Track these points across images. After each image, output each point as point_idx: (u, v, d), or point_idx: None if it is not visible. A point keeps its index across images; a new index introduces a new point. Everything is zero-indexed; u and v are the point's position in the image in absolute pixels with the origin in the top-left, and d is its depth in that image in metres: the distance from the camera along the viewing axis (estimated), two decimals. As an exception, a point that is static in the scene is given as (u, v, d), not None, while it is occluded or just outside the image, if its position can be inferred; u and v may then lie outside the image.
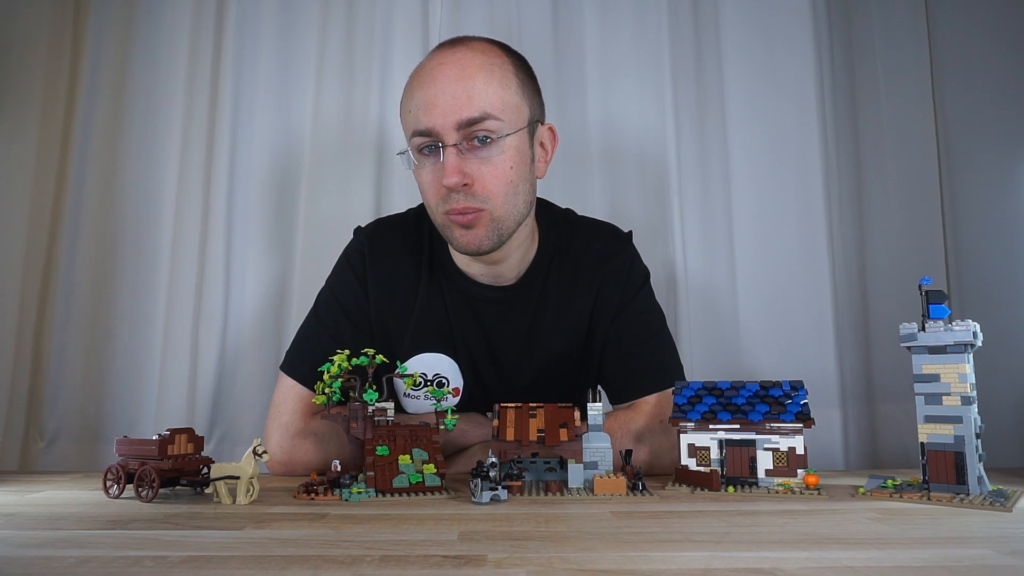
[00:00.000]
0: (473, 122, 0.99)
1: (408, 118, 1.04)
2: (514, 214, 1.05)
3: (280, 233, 1.62)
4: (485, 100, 0.99)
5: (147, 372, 1.58)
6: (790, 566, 0.54)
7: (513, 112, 1.02)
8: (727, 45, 1.66)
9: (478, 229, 1.02)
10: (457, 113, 0.98)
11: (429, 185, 1.04)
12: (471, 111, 0.98)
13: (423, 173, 1.04)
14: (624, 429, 1.06)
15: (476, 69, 1.01)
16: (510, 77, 1.03)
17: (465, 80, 0.99)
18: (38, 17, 1.60)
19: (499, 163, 1.01)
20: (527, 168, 1.06)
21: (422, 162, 1.04)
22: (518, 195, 1.04)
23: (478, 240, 1.03)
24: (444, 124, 0.99)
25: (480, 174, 1.00)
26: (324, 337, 1.13)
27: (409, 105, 1.03)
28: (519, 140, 1.03)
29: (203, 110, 1.62)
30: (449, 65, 1.01)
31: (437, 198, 1.03)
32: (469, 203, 1.01)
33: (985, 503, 0.76)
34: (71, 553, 0.59)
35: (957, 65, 1.60)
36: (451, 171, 0.98)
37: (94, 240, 1.60)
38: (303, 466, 1.09)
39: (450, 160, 0.99)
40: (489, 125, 1.00)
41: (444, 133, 0.99)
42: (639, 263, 1.20)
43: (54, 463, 1.52)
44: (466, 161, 1.00)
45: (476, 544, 0.61)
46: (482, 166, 1.00)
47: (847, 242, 1.63)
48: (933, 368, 0.82)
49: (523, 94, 1.05)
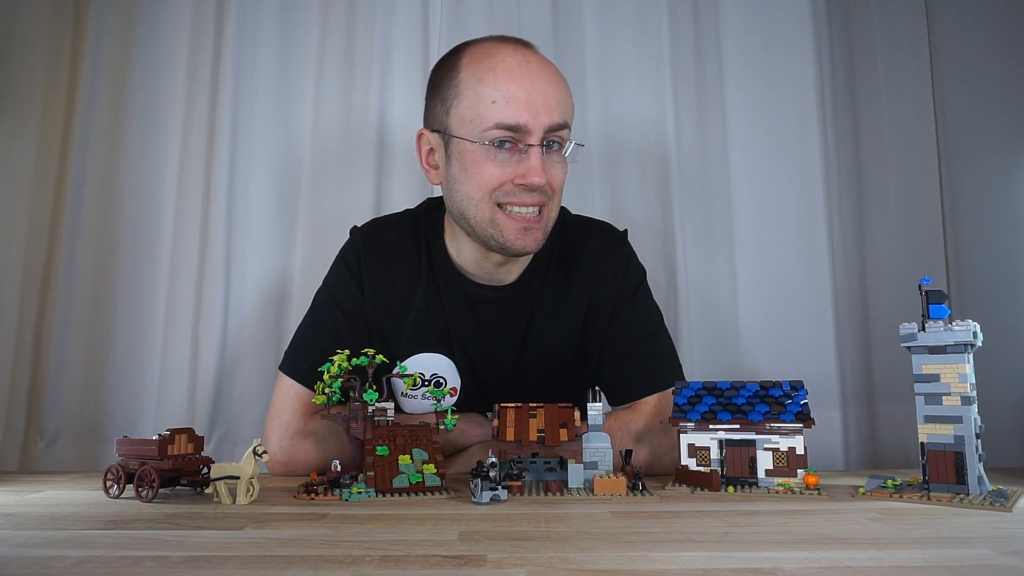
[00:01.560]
0: (557, 127, 1.03)
1: (490, 108, 1.00)
2: (556, 217, 1.11)
3: (280, 233, 1.62)
4: (566, 109, 1.05)
5: (147, 372, 1.58)
6: (790, 566, 0.54)
7: (572, 124, 1.08)
8: (727, 45, 1.66)
9: (536, 232, 1.05)
10: (549, 115, 1.01)
11: (495, 177, 1.03)
12: (560, 116, 1.02)
13: (490, 165, 1.02)
14: (624, 429, 1.06)
15: (559, 76, 1.06)
16: (569, 89, 1.09)
17: (552, 84, 1.03)
18: (38, 17, 1.60)
19: (561, 169, 1.07)
20: None
21: (492, 154, 1.02)
22: (561, 199, 1.11)
23: (535, 242, 1.06)
24: (536, 123, 1.00)
25: (552, 176, 1.04)
26: (322, 337, 1.13)
27: (492, 95, 1.01)
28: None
29: (203, 110, 1.62)
30: (534, 66, 1.03)
31: (498, 190, 1.03)
32: (537, 198, 1.04)
33: (985, 503, 0.76)
34: (71, 553, 0.59)
35: (957, 65, 1.60)
36: (539, 170, 1.01)
37: (94, 240, 1.60)
38: (303, 466, 1.09)
39: (538, 159, 1.01)
40: (564, 134, 1.05)
41: (534, 131, 1.01)
42: (635, 262, 1.20)
43: (54, 463, 1.52)
44: (545, 162, 1.03)
45: (476, 544, 0.61)
46: (553, 168, 1.05)
47: (847, 242, 1.63)
48: (933, 368, 0.82)
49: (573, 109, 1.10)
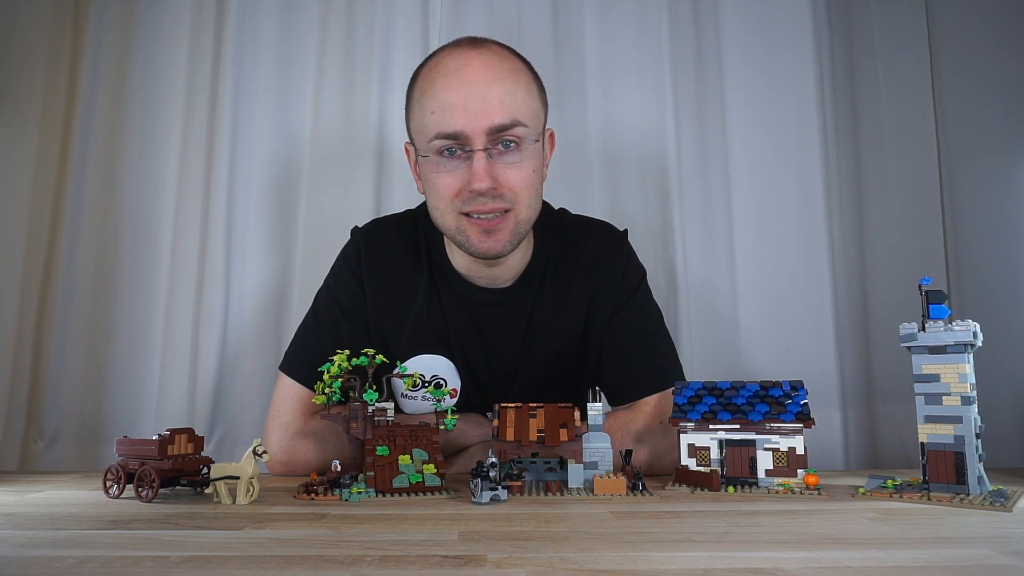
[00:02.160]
0: (503, 128, 0.98)
1: (428, 119, 1.00)
2: (532, 217, 1.06)
3: (280, 233, 1.62)
4: (515, 106, 0.99)
5: (147, 372, 1.58)
6: (790, 566, 0.54)
7: (535, 119, 1.03)
8: (727, 45, 1.66)
9: (501, 235, 1.02)
10: (489, 118, 0.97)
11: (447, 187, 1.02)
12: (503, 117, 0.98)
13: (440, 175, 1.02)
14: (624, 429, 1.06)
15: (505, 73, 1.00)
16: (532, 84, 1.04)
17: (495, 84, 0.98)
18: (38, 17, 1.60)
19: (524, 167, 1.02)
20: (542, 172, 1.07)
21: (441, 164, 1.01)
22: (537, 199, 1.06)
23: (500, 245, 1.03)
24: (475, 128, 0.97)
25: (507, 178, 1.00)
26: (323, 337, 1.13)
27: (430, 105, 1.00)
28: (538, 145, 1.04)
29: (203, 110, 1.62)
30: (474, 68, 0.99)
31: (456, 200, 1.01)
32: (496, 204, 1.00)
33: (985, 503, 0.76)
34: (71, 553, 0.59)
35: (957, 65, 1.60)
36: (483, 175, 0.98)
37: (94, 240, 1.60)
38: (303, 466, 1.09)
39: (481, 164, 0.98)
40: (518, 132, 1.00)
41: (474, 137, 0.98)
42: (635, 262, 1.19)
43: (54, 463, 1.52)
44: (494, 166, 0.99)
45: (476, 544, 0.61)
46: (508, 170, 1.00)
47: (847, 242, 1.63)
48: (933, 368, 0.82)
49: (541, 101, 1.07)
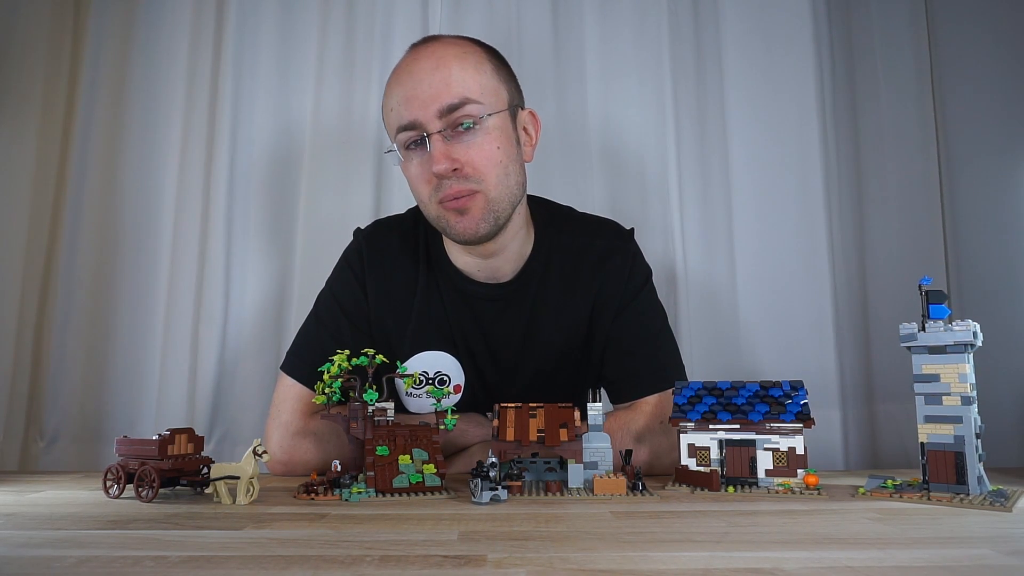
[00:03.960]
0: (454, 107, 1.00)
1: (391, 116, 1.05)
2: (508, 196, 1.05)
3: (280, 233, 1.62)
4: (462, 85, 1.00)
5: (147, 372, 1.58)
6: (790, 566, 0.54)
7: (491, 95, 1.04)
8: (727, 45, 1.66)
9: (474, 213, 1.02)
10: (437, 101, 0.99)
11: (419, 178, 1.04)
12: (450, 97, 1.00)
13: (411, 168, 1.05)
14: (624, 429, 1.06)
15: (450, 58, 1.02)
16: (484, 62, 1.05)
17: (441, 69, 1.01)
18: (38, 17, 1.60)
19: (485, 144, 1.02)
20: (514, 150, 1.07)
21: (409, 157, 1.04)
22: (509, 176, 1.05)
23: (475, 225, 1.03)
24: (426, 114, 1.00)
25: (468, 157, 1.01)
26: (324, 337, 1.13)
27: (390, 104, 1.05)
28: (502, 121, 1.04)
29: (203, 110, 1.62)
30: (424, 59, 1.03)
31: (428, 188, 1.03)
32: (462, 185, 1.01)
33: (985, 503, 0.76)
34: (71, 553, 0.59)
35: (957, 65, 1.60)
36: (439, 157, 0.99)
37: (94, 240, 1.60)
38: (303, 466, 1.09)
39: (437, 147, 0.99)
40: (470, 109, 1.00)
41: (427, 123, 1.00)
42: (641, 261, 1.19)
43: (54, 463, 1.52)
44: (452, 147, 1.01)
45: (476, 544, 0.61)
46: (469, 149, 1.01)
47: (847, 242, 1.63)
48: (933, 368, 0.82)
49: (499, 77, 1.07)
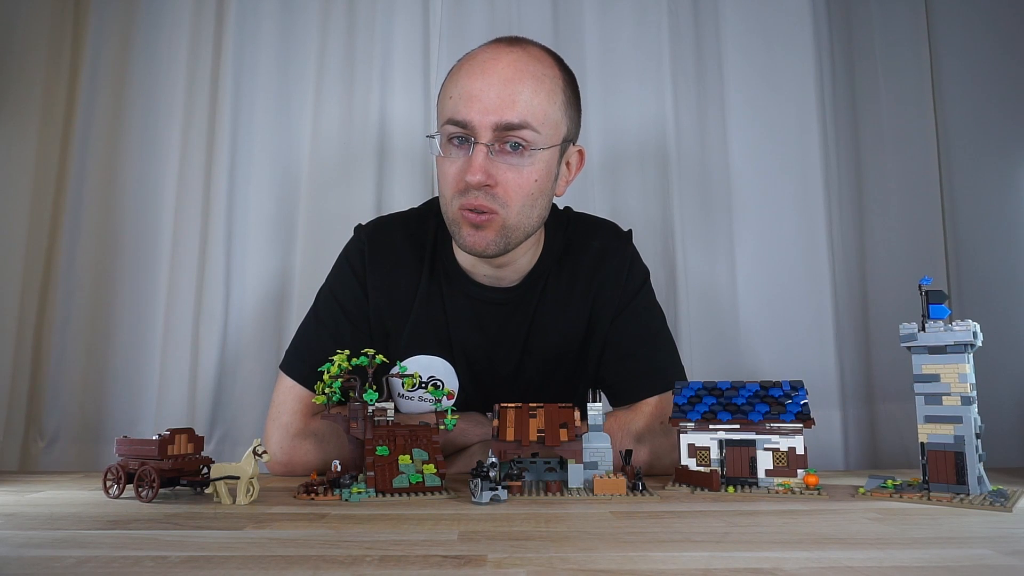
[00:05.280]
0: (512, 127, 0.97)
1: (446, 104, 1.01)
2: (525, 226, 1.03)
3: (280, 233, 1.62)
4: (528, 109, 0.97)
5: (147, 372, 1.58)
6: (790, 566, 0.54)
7: (552, 128, 1.01)
8: (727, 45, 1.66)
9: (487, 232, 1.01)
10: (498, 114, 0.96)
11: (451, 176, 1.02)
12: (512, 115, 0.97)
13: (447, 163, 1.02)
14: (624, 429, 1.06)
15: (528, 75, 0.99)
16: (559, 92, 1.02)
17: (514, 82, 0.98)
18: (38, 17, 1.60)
19: (525, 173, 1.00)
20: (550, 184, 1.05)
21: (449, 151, 1.02)
22: (534, 208, 1.03)
23: (484, 243, 1.01)
24: (482, 121, 0.97)
25: (505, 179, 0.99)
26: (324, 337, 1.13)
27: (451, 91, 1.01)
28: (550, 156, 1.02)
29: (203, 110, 1.62)
30: (502, 63, 0.99)
31: (455, 191, 1.01)
32: (486, 202, 0.99)
33: (985, 503, 0.76)
34: (71, 553, 0.59)
35: (957, 65, 1.60)
36: (477, 169, 0.97)
37: (94, 240, 1.60)
38: (303, 466, 1.09)
39: (479, 158, 0.97)
40: (526, 134, 0.98)
41: (480, 130, 0.97)
42: (639, 262, 1.19)
43: (54, 463, 1.52)
44: (493, 163, 0.98)
45: (476, 544, 0.61)
46: (508, 171, 0.99)
47: (847, 242, 1.63)
48: (933, 368, 0.82)
49: (566, 112, 1.04)
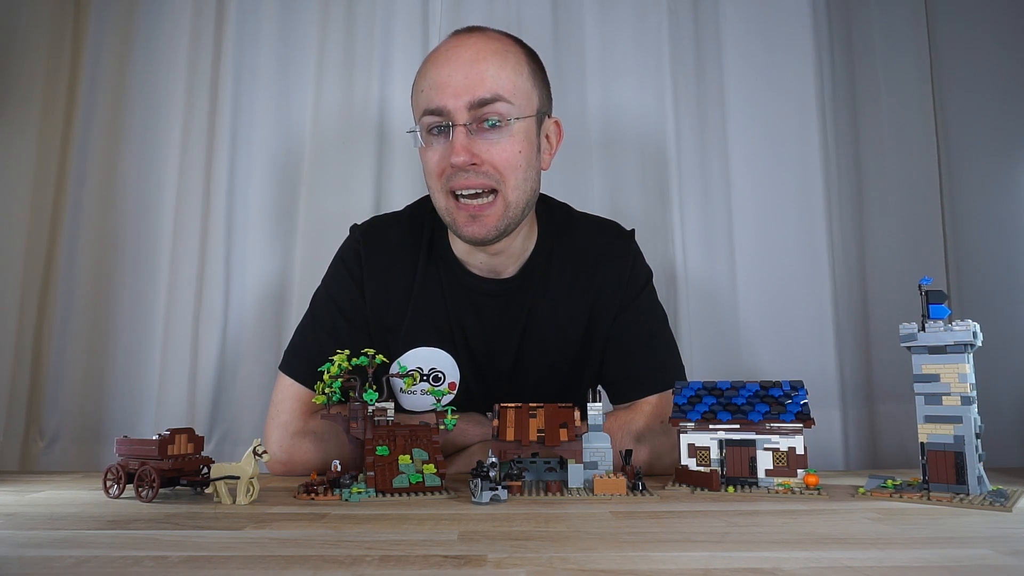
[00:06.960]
0: (484, 103, 1.00)
1: (419, 98, 1.05)
2: (523, 200, 1.06)
3: (280, 232, 1.62)
4: (497, 82, 1.01)
5: (147, 372, 1.58)
6: (790, 566, 0.54)
7: (523, 98, 1.04)
8: (727, 45, 1.65)
9: (488, 219, 1.03)
10: (470, 93, 0.99)
11: (435, 164, 1.04)
12: (483, 91, 1.00)
13: (430, 153, 1.04)
14: (624, 429, 1.06)
15: (490, 53, 1.02)
16: (523, 64, 1.05)
17: (479, 62, 1.01)
18: (38, 17, 1.60)
19: (508, 146, 1.02)
20: (534, 156, 1.07)
21: (430, 142, 1.04)
22: (528, 181, 1.05)
23: (486, 230, 1.03)
24: (456, 104, 1.00)
25: (489, 155, 1.01)
26: (322, 336, 1.13)
27: (421, 85, 1.05)
28: (527, 126, 1.05)
29: (203, 109, 1.62)
30: (464, 48, 1.03)
31: (442, 177, 1.03)
32: (480, 180, 1.01)
33: (985, 503, 0.76)
34: (71, 553, 0.59)
35: (957, 65, 1.60)
36: (459, 149, 0.99)
37: (94, 240, 1.60)
38: (303, 466, 1.09)
39: (459, 139, 1.00)
40: (499, 107, 1.01)
41: (455, 112, 1.00)
42: (641, 263, 1.19)
43: (54, 463, 1.52)
44: (474, 142, 1.01)
45: (476, 544, 0.61)
46: (491, 147, 1.02)
47: (847, 242, 1.63)
48: (933, 368, 0.82)
49: (534, 82, 1.07)
